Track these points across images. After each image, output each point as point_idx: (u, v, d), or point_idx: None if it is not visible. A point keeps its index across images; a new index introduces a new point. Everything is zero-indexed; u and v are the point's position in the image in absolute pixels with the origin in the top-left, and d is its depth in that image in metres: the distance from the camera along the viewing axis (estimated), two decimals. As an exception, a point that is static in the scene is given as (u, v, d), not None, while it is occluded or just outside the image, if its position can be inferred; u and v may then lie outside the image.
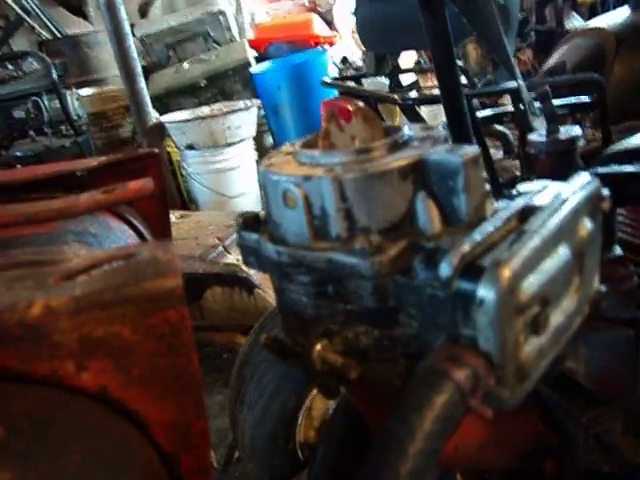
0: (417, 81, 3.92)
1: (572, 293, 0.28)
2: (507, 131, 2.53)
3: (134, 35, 3.98)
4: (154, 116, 3.33)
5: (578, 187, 0.29)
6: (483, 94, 1.93)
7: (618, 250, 0.49)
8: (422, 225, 0.29)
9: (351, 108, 1.31)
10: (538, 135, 0.70)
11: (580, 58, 2.74)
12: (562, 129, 0.69)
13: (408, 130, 0.33)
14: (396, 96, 2.19)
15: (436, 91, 2.97)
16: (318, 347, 0.31)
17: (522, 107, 0.91)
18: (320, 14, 5.76)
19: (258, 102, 3.51)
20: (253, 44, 4.37)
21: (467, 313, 0.24)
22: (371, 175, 0.29)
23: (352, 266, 0.29)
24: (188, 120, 3.17)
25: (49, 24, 5.09)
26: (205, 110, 3.56)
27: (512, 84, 2.09)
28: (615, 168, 0.48)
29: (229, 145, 3.27)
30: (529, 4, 4.49)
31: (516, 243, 0.25)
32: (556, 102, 2.32)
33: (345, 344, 0.32)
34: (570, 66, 2.77)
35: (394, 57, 2.58)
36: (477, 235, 0.26)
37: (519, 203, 0.29)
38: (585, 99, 2.29)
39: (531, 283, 0.24)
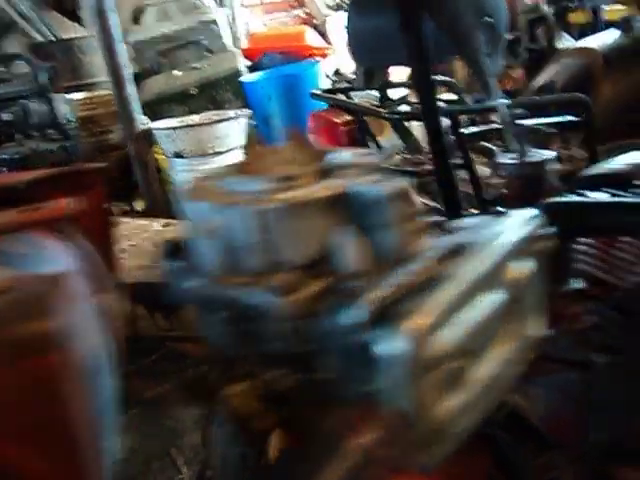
0: (407, 95, 3.93)
1: (506, 340, 0.26)
2: (494, 148, 2.52)
3: (127, 41, 3.96)
4: (142, 122, 3.31)
5: (517, 225, 0.26)
6: (466, 111, 1.92)
7: (577, 283, 0.47)
8: (344, 262, 0.27)
9: (339, 121, 1.32)
10: (508, 158, 0.68)
11: (569, 77, 2.75)
12: (533, 152, 0.67)
13: (340, 156, 0.31)
14: (384, 111, 2.18)
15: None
16: (234, 391, 0.28)
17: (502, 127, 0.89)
18: (315, 26, 5.79)
19: (248, 112, 3.49)
20: (247, 53, 4.38)
21: (377, 367, 0.22)
22: (291, 207, 0.26)
23: (266, 305, 0.26)
24: (176, 128, 3.15)
25: (42, 27, 5.07)
26: (195, 118, 3.54)
27: (499, 102, 2.09)
28: (577, 198, 0.46)
29: (217, 154, 3.24)
30: (522, 23, 4.53)
31: (433, 292, 0.22)
32: (543, 121, 2.33)
33: (264, 387, 0.29)
34: (559, 85, 2.78)
35: (383, 71, 2.57)
36: (395, 279, 0.24)
37: (449, 242, 0.26)
38: (572, 118, 2.29)
39: (447, 336, 0.22)
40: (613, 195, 0.67)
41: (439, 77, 3.26)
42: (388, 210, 0.25)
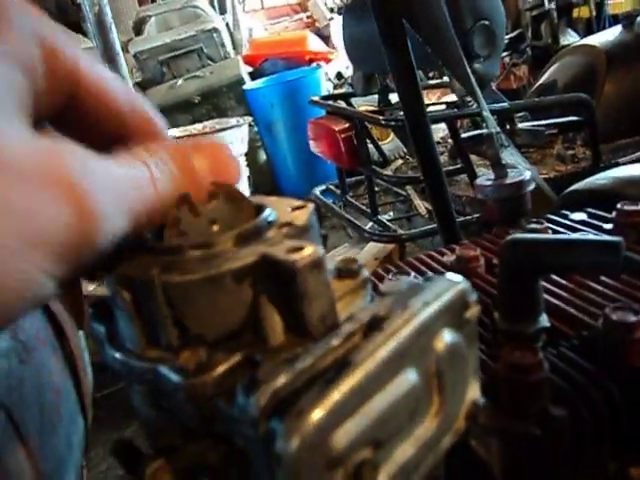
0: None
1: (430, 417, 0.24)
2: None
3: (128, 51, 3.99)
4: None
5: (436, 294, 0.25)
6: (462, 116, 1.90)
7: (545, 321, 0.45)
8: (263, 335, 0.26)
9: (336, 129, 1.29)
10: (486, 179, 0.66)
11: (571, 76, 2.71)
12: (511, 173, 0.65)
13: (270, 213, 0.30)
14: (381, 117, 2.17)
15: (431, 108, 2.93)
16: (152, 466, 0.27)
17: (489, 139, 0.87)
18: (318, 29, 5.78)
19: (249, 119, 3.50)
20: (248, 60, 4.38)
21: (275, 464, 0.20)
22: (200, 280, 0.25)
23: (175, 384, 0.25)
24: (177, 138, 3.15)
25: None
26: (198, 127, 3.55)
27: (498, 105, 2.06)
28: (533, 236, 0.44)
29: (220, 163, 3.24)
30: (525, 20, 4.48)
31: (341, 376, 0.21)
32: (545, 122, 2.29)
33: (190, 460, 0.28)
34: (562, 84, 2.74)
35: (382, 76, 2.56)
36: (300, 363, 0.22)
37: (367, 313, 0.25)
38: (574, 118, 2.26)
39: (349, 430, 0.20)
40: (591, 216, 0.65)
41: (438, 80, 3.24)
42: (301, 281, 0.24)
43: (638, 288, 0.47)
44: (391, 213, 2.78)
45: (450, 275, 0.26)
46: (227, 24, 4.70)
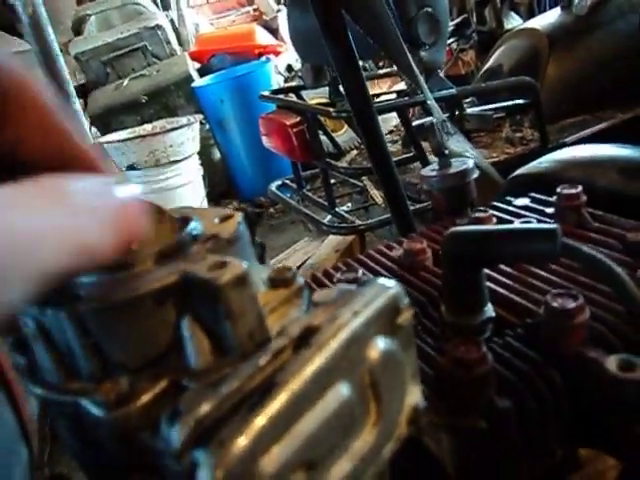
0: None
1: (368, 429, 0.24)
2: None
3: (68, 53, 3.85)
4: (92, 137, 3.22)
5: (366, 302, 0.24)
6: (411, 104, 1.91)
7: (491, 311, 0.45)
8: (189, 357, 0.24)
9: (288, 123, 1.27)
10: (430, 170, 0.66)
11: (516, 60, 2.77)
12: (454, 163, 0.66)
13: (196, 226, 0.28)
14: (332, 109, 2.16)
15: (382, 97, 2.93)
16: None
17: (435, 127, 0.87)
18: (265, 22, 5.71)
19: (200, 117, 3.43)
20: (195, 56, 4.29)
21: (200, 498, 0.19)
22: (117, 304, 0.23)
23: (96, 417, 0.23)
24: (126, 140, 3.07)
25: (-19, 44, 4.87)
26: (147, 127, 3.46)
27: (446, 92, 2.08)
28: (472, 228, 0.44)
29: (172, 163, 3.17)
30: (469, 5, 4.54)
31: (256, 407, 0.20)
32: (492, 106, 2.33)
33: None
34: (507, 68, 2.80)
35: (331, 67, 2.54)
36: (226, 387, 0.21)
37: (298, 326, 0.24)
38: (521, 101, 2.31)
39: (278, 455, 0.19)
40: (534, 201, 0.66)
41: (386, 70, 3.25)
42: (225, 300, 0.23)
43: (579, 271, 0.47)
44: (349, 204, 2.78)
45: (382, 280, 0.25)
46: (171, 20, 4.59)
